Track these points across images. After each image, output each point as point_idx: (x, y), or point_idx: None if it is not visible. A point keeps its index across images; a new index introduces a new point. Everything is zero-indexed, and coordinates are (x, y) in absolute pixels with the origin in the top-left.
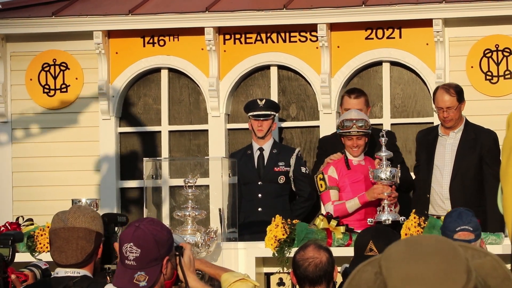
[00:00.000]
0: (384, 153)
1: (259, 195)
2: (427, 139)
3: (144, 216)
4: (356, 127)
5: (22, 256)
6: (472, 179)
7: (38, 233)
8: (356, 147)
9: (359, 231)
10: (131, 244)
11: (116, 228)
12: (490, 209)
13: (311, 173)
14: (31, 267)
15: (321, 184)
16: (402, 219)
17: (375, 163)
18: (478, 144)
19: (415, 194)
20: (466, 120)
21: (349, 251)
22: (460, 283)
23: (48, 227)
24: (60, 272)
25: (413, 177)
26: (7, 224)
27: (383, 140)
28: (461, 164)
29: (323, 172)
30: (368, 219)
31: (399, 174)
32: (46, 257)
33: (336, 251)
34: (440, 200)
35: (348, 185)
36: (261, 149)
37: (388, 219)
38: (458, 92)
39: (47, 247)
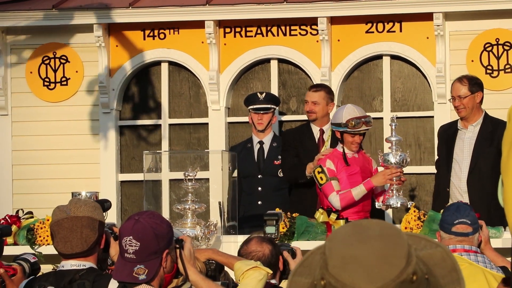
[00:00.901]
0: (394, 138)
1: (259, 188)
2: (447, 134)
3: (144, 210)
4: (365, 125)
5: (22, 249)
6: (490, 172)
7: (38, 226)
8: (357, 142)
9: None
10: (131, 237)
11: (104, 214)
12: None
13: (281, 167)
14: (20, 261)
15: (321, 177)
16: (410, 204)
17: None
18: (496, 137)
19: (436, 188)
20: (486, 113)
21: None
22: (398, 267)
23: (48, 220)
24: (66, 265)
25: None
26: (7, 217)
27: (393, 125)
28: (478, 157)
29: (321, 165)
30: (377, 203)
31: (408, 160)
32: (46, 250)
33: None
34: (459, 193)
35: (346, 178)
36: (261, 143)
37: (397, 202)
38: (471, 82)
39: (47, 240)
